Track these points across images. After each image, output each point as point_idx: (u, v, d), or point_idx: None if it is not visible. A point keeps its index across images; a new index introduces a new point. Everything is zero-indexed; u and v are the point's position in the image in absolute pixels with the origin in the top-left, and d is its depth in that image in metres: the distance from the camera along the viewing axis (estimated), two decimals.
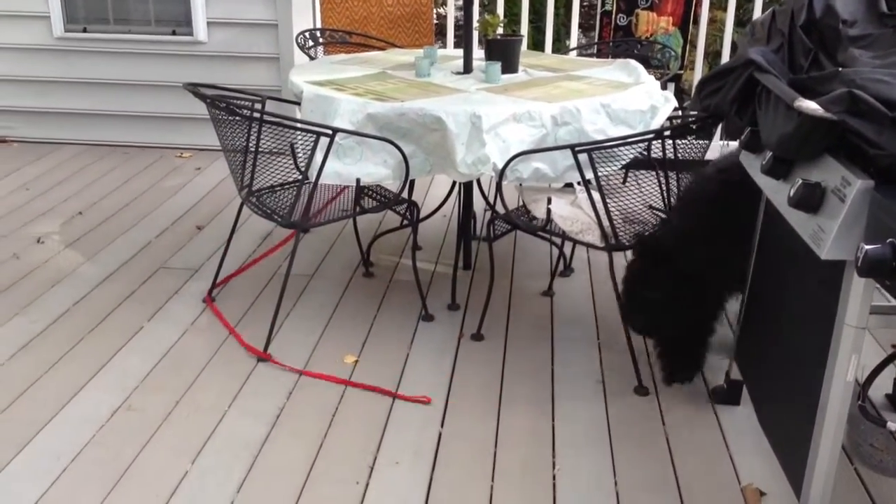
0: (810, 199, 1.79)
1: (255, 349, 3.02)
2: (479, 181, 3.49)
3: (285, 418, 2.65)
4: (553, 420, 2.66)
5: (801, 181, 1.81)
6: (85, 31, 5.38)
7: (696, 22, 4.99)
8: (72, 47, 5.42)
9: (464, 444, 2.54)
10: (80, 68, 5.46)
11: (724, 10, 5.26)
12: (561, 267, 3.71)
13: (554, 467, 2.43)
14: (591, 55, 4.73)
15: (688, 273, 2.60)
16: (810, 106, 1.77)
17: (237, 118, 3.00)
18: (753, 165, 2.20)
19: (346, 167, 3.02)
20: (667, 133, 2.85)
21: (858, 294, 1.75)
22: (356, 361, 2.98)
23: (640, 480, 2.38)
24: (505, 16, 4.81)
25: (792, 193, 1.83)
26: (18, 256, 3.84)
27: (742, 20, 7.00)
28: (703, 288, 2.64)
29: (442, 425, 2.63)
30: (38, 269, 3.71)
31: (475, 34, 3.94)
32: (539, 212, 3.11)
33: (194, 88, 3.04)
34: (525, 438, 2.57)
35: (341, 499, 2.30)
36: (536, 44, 7.23)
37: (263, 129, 2.96)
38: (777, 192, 2.02)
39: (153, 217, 4.37)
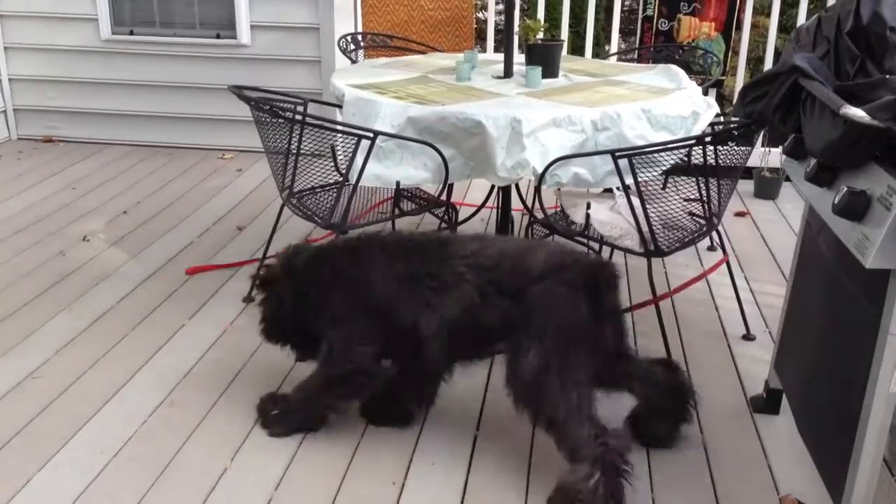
0: (855, 208, 1.77)
1: None
2: (517, 184, 3.49)
3: None
4: None
5: (846, 189, 1.80)
6: (131, 33, 5.48)
7: (739, 28, 4.95)
8: (118, 49, 5.52)
9: (499, 447, 2.54)
10: (126, 70, 5.56)
11: (768, 15, 5.21)
12: None
13: None
14: (631, 60, 4.72)
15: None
16: (857, 113, 1.75)
17: (280, 120, 3.03)
18: (797, 172, 2.18)
19: (386, 170, 3.04)
20: (708, 139, 2.83)
21: None
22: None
23: (677, 488, 2.37)
24: (545, 20, 4.80)
25: (836, 201, 1.82)
26: (65, 254, 3.93)
27: (785, 26, 6.92)
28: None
29: (478, 429, 2.64)
30: (84, 267, 3.78)
31: (516, 39, 3.95)
32: (578, 216, 3.10)
33: (239, 91, 3.09)
34: None
35: (377, 498, 2.31)
36: (576, 48, 7.20)
37: (305, 131, 3.00)
38: (821, 200, 2.00)
39: (195, 217, 4.43)
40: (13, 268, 3.75)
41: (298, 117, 3.00)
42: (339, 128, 3.01)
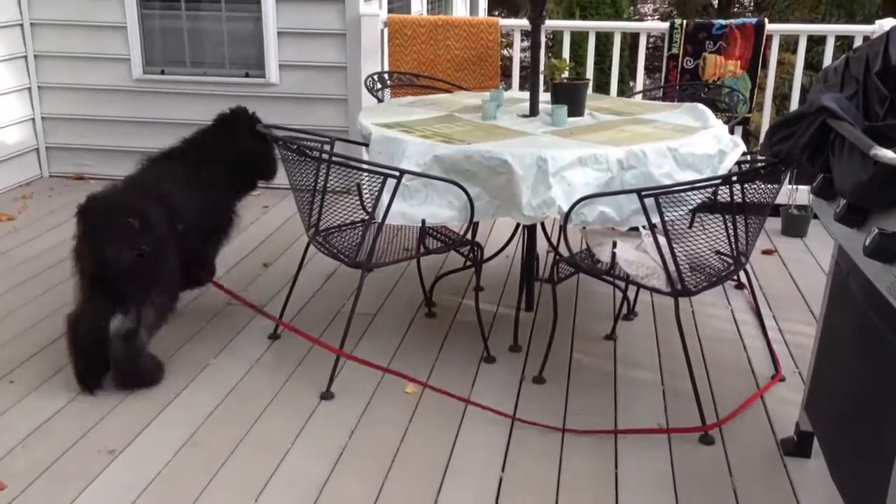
0: (887, 249, 1.75)
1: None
2: (542, 223, 3.49)
3: (347, 457, 2.67)
4: (616, 466, 2.62)
5: (877, 231, 1.78)
6: (163, 73, 5.58)
7: (765, 65, 4.94)
8: (149, 88, 5.62)
9: (525, 488, 2.51)
10: (157, 109, 5.65)
11: (794, 52, 5.21)
12: (624, 310, 3.68)
13: None
14: (656, 98, 4.72)
15: None
16: (887, 154, 1.74)
17: (307, 159, 3.06)
18: (826, 212, 2.16)
19: (411, 208, 3.05)
20: (735, 178, 2.82)
21: None
22: (420, 398, 2.98)
23: None
24: (570, 58, 4.83)
25: (867, 243, 1.80)
26: None
27: (812, 63, 6.92)
28: None
29: (503, 469, 2.61)
30: None
31: (541, 77, 3.97)
32: (603, 255, 3.09)
33: (267, 130, 3.12)
34: (587, 484, 2.53)
35: None
36: (600, 85, 7.25)
37: (332, 169, 3.02)
38: (851, 241, 1.97)
39: (222, 253, 4.42)
40: (44, 304, 3.79)
41: (325, 156, 3.02)
42: (366, 166, 3.03)
